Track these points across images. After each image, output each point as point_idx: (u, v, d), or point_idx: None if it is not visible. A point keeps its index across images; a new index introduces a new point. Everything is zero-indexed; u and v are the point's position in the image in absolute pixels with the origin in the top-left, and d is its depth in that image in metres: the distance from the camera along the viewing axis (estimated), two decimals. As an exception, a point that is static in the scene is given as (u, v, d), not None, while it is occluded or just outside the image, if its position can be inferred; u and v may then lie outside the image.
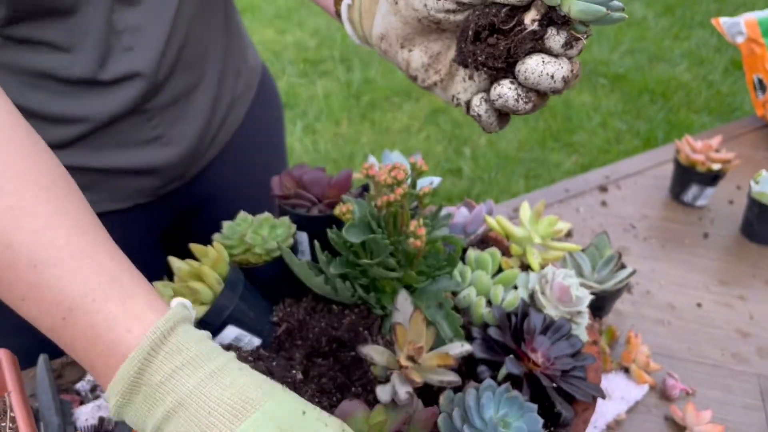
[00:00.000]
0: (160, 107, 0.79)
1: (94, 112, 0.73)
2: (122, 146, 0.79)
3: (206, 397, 0.41)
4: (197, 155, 0.87)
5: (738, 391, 0.88)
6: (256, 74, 0.98)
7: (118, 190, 0.83)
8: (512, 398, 0.62)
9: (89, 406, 0.77)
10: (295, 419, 0.42)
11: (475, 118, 0.51)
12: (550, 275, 0.74)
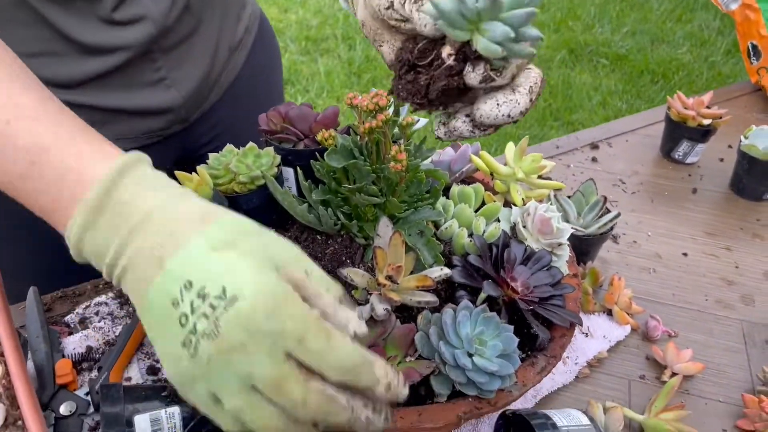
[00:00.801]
0: (164, 50, 0.81)
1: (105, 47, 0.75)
2: (128, 88, 0.81)
3: (173, 209, 0.44)
4: (200, 98, 0.89)
5: (720, 335, 0.88)
6: (255, 19, 0.99)
7: (125, 131, 0.85)
8: (489, 318, 0.63)
9: (77, 336, 0.79)
10: (254, 229, 0.46)
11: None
12: (532, 209, 0.75)
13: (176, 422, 0.65)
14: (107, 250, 0.45)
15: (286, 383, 0.41)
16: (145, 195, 0.45)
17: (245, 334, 0.41)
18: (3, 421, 0.50)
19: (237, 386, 0.42)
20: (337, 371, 0.43)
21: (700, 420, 0.78)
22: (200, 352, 0.41)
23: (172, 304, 0.42)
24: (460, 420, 0.60)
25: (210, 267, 0.42)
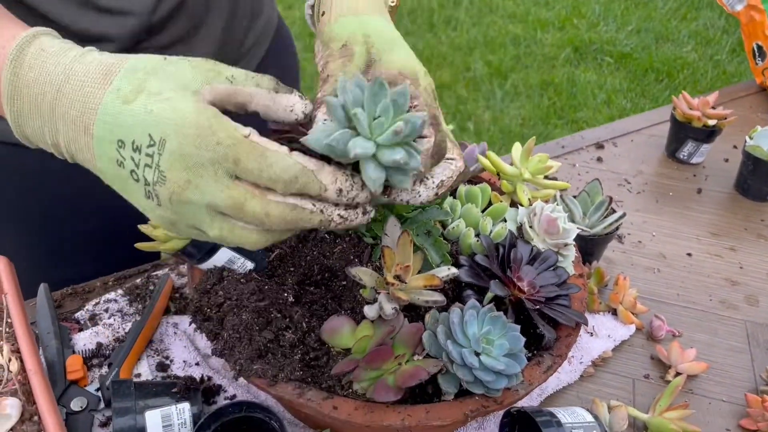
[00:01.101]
0: (157, 49, 0.80)
1: (90, 33, 0.75)
2: None
3: (77, 73, 0.45)
4: None
5: (724, 335, 0.89)
6: (269, 31, 0.98)
7: None
8: (495, 317, 0.64)
9: (87, 332, 0.80)
10: (158, 63, 0.46)
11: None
12: (538, 209, 0.75)
13: (186, 418, 0.66)
14: (44, 137, 0.47)
15: (244, 202, 0.44)
16: (47, 70, 0.45)
17: (185, 171, 0.43)
18: (19, 416, 0.51)
19: (207, 216, 0.45)
20: (280, 184, 0.44)
21: (704, 419, 0.78)
22: (162, 199, 0.44)
23: (118, 164, 0.44)
24: (467, 418, 0.61)
25: (130, 120, 0.43)
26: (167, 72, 0.45)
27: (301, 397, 0.60)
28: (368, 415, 0.60)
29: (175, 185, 0.43)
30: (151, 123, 0.43)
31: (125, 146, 0.43)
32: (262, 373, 0.62)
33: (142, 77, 0.45)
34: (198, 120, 0.43)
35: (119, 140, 0.43)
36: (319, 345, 0.66)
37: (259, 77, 0.48)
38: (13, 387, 0.53)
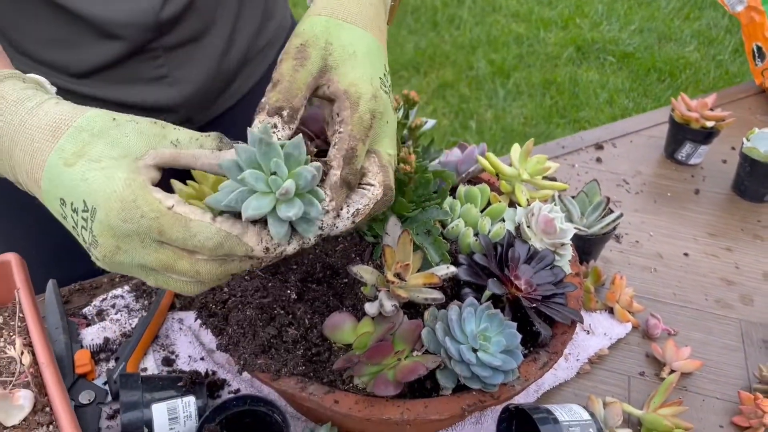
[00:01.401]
0: (166, 48, 0.82)
1: (107, 21, 0.76)
2: (130, 82, 0.83)
3: (29, 127, 0.47)
4: (204, 101, 0.90)
5: (719, 333, 0.91)
6: (282, 31, 1.00)
7: None
8: (493, 315, 0.65)
9: (95, 327, 0.81)
10: (106, 125, 0.47)
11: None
12: (536, 209, 0.77)
13: (191, 411, 0.68)
14: (8, 176, 0.50)
15: (173, 264, 0.47)
16: (5, 119, 0.48)
17: (114, 238, 0.45)
18: (32, 407, 0.53)
19: (142, 272, 0.48)
20: (206, 251, 0.46)
21: (697, 416, 0.80)
22: (98, 256, 0.47)
23: (62, 218, 0.47)
24: (464, 412, 0.63)
25: (69, 183, 0.45)
26: (111, 137, 0.47)
27: (304, 391, 0.62)
28: (368, 408, 0.61)
29: (106, 249, 0.46)
30: (85, 191, 0.45)
31: (66, 204, 0.46)
32: (266, 367, 0.64)
33: (86, 139, 0.46)
34: (124, 194, 0.45)
35: (60, 198, 0.46)
36: (320, 341, 0.67)
37: (204, 137, 0.50)
38: (26, 379, 0.55)
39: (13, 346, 0.58)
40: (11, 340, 0.59)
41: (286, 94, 0.52)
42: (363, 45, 0.56)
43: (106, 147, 0.46)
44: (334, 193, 0.50)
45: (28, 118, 0.47)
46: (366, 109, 0.54)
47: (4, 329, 0.60)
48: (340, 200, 0.51)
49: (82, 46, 0.78)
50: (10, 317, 0.61)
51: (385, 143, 0.56)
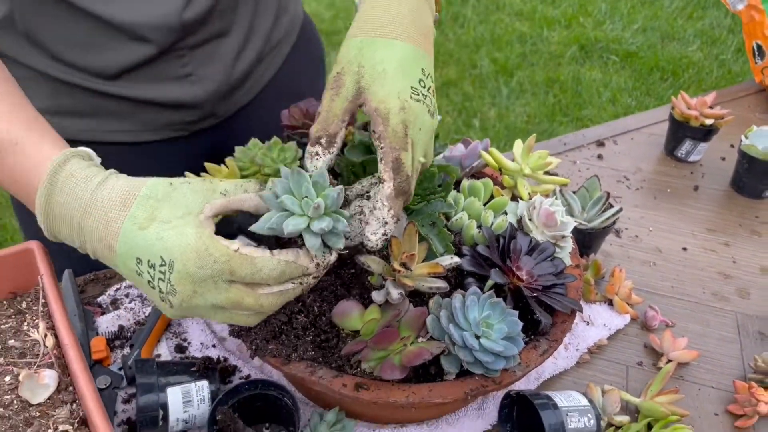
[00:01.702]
0: (190, 47, 0.85)
1: (133, 24, 0.79)
2: (156, 81, 0.86)
3: (100, 200, 0.54)
4: (226, 95, 0.93)
5: (716, 325, 0.93)
6: (295, 24, 1.03)
7: (149, 122, 0.90)
8: (495, 303, 0.68)
9: (110, 315, 0.84)
10: (166, 190, 0.55)
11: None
12: (537, 203, 0.79)
13: (205, 395, 0.70)
14: (74, 242, 0.56)
15: (241, 301, 0.55)
16: (76, 195, 0.55)
17: (191, 284, 0.53)
18: (56, 387, 0.56)
19: (212, 311, 0.56)
20: (272, 281, 0.55)
21: (693, 404, 0.82)
22: (174, 304, 0.54)
23: (137, 274, 0.54)
24: (467, 396, 0.65)
25: (144, 244, 0.53)
26: (173, 199, 0.55)
27: (313, 375, 0.65)
28: (375, 392, 0.64)
29: (184, 295, 0.53)
30: (162, 248, 0.52)
31: (143, 263, 0.53)
32: (277, 352, 0.66)
33: (153, 205, 0.54)
34: (197, 245, 0.52)
35: (137, 257, 0.53)
36: (329, 328, 0.70)
37: (246, 183, 0.59)
38: (50, 360, 0.58)
39: (37, 329, 0.60)
40: (35, 323, 0.62)
41: (323, 124, 0.59)
42: (395, 59, 0.60)
43: (171, 209, 0.54)
44: (391, 203, 0.57)
45: (97, 192, 0.54)
46: (397, 121, 0.58)
47: (27, 313, 0.63)
48: (398, 209, 0.58)
49: (110, 49, 0.81)
50: (33, 302, 0.64)
51: (417, 150, 0.60)
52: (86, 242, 0.55)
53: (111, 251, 0.54)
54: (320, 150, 0.59)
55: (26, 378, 0.55)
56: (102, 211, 0.54)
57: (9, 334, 0.61)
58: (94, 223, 0.54)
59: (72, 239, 0.56)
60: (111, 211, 0.54)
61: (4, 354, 0.59)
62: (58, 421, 0.53)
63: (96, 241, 0.54)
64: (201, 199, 0.55)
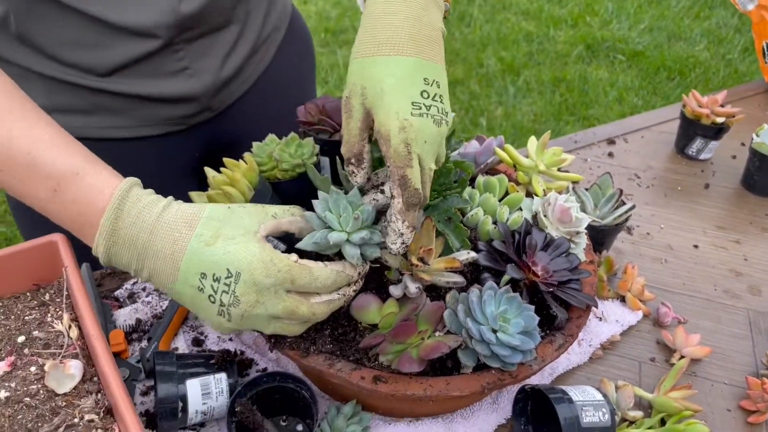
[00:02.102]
0: (187, 42, 0.86)
1: (129, 27, 0.80)
2: (152, 76, 0.86)
3: (166, 222, 0.59)
4: (222, 88, 0.94)
5: (727, 322, 0.94)
6: (285, 17, 1.04)
7: (147, 117, 0.90)
8: (512, 298, 0.68)
9: (127, 309, 0.85)
10: (226, 213, 0.61)
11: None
12: (552, 199, 0.80)
13: (223, 387, 0.71)
14: (131, 265, 0.59)
15: (295, 310, 0.60)
16: (143, 215, 0.59)
17: (255, 294, 0.58)
18: (81, 377, 0.56)
19: (266, 322, 0.61)
20: (326, 289, 0.62)
21: (706, 400, 0.83)
22: (233, 316, 0.59)
23: (198, 290, 0.58)
24: (484, 390, 0.66)
25: (211, 258, 0.58)
26: (234, 221, 0.60)
27: (332, 367, 0.66)
28: (393, 384, 0.65)
29: (247, 305, 0.58)
30: (229, 260, 0.57)
31: (207, 277, 0.58)
32: (296, 345, 0.67)
33: (217, 225, 0.59)
34: (262, 257, 0.58)
35: (202, 272, 0.58)
36: (347, 322, 0.71)
37: (292, 208, 0.65)
38: (74, 351, 0.59)
39: (61, 321, 0.61)
40: (58, 315, 0.62)
41: (348, 146, 0.63)
42: (393, 76, 0.60)
43: (233, 228, 0.59)
44: (403, 215, 0.61)
45: (163, 215, 0.59)
46: (398, 142, 0.59)
47: (50, 305, 0.64)
48: (411, 219, 0.62)
49: (105, 46, 0.81)
50: (56, 294, 0.65)
51: (425, 160, 0.61)
52: (146, 263, 0.58)
53: (175, 269, 0.58)
54: (354, 168, 0.64)
55: (52, 368, 0.55)
56: (168, 231, 0.58)
57: (33, 325, 0.62)
58: (160, 242, 0.58)
59: (130, 262, 0.59)
60: (177, 231, 0.58)
61: (29, 345, 0.60)
62: (83, 411, 0.54)
63: (160, 260, 0.58)
64: (256, 220, 0.61)
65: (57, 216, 0.61)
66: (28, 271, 0.65)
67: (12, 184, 0.60)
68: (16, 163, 0.59)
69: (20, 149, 0.59)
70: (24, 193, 0.60)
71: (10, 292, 0.66)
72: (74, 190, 0.59)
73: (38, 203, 0.60)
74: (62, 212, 0.60)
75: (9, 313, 0.63)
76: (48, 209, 0.60)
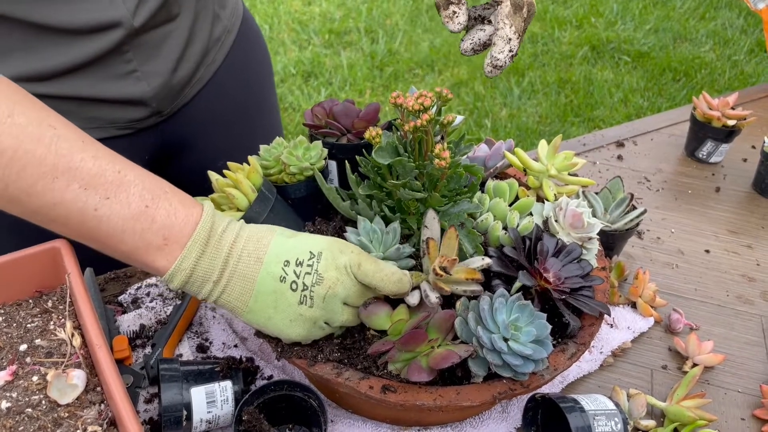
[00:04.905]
0: (135, 44, 0.83)
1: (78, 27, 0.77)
2: (100, 79, 0.83)
3: (249, 231, 0.63)
4: (171, 92, 0.91)
5: (740, 329, 0.92)
6: (236, 19, 1.02)
7: (94, 119, 0.86)
8: (523, 305, 0.67)
9: (131, 314, 0.84)
10: (292, 233, 0.65)
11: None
12: (564, 204, 0.78)
13: (228, 395, 0.70)
14: (213, 271, 0.60)
15: (363, 293, 0.65)
16: (231, 226, 0.62)
17: (335, 270, 0.62)
18: (84, 387, 0.55)
19: (341, 308, 0.64)
20: (388, 285, 0.64)
21: (719, 409, 0.81)
22: (316, 298, 0.62)
23: (280, 281, 0.61)
24: (495, 399, 0.64)
25: (294, 245, 0.62)
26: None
27: (339, 376, 0.64)
28: (402, 394, 0.63)
29: (330, 281, 0.62)
30: (312, 243, 0.63)
31: (290, 264, 0.61)
32: (302, 354, 0.66)
33: (292, 232, 0.65)
34: (338, 240, 0.64)
35: (285, 260, 0.61)
36: (355, 330, 0.69)
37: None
38: (77, 360, 0.57)
39: (64, 329, 0.60)
40: (61, 323, 0.61)
41: None
42: None
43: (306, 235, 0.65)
44: (511, 20, 0.61)
45: (246, 227, 0.63)
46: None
47: (53, 312, 0.63)
48: (518, 24, 0.61)
49: (47, 51, 0.78)
50: (59, 301, 0.64)
51: None
52: (226, 268, 0.61)
53: (257, 262, 0.61)
54: (455, 7, 0.62)
55: (54, 378, 0.54)
56: (253, 235, 0.62)
57: (35, 333, 0.61)
58: (243, 243, 0.61)
59: (211, 272, 0.60)
60: (260, 233, 0.63)
61: (31, 353, 0.59)
62: (86, 422, 0.53)
63: (244, 257, 0.61)
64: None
65: (138, 233, 0.58)
66: (30, 277, 0.64)
67: (93, 202, 0.57)
68: (105, 179, 0.57)
69: (110, 169, 0.58)
70: (104, 212, 0.57)
71: (12, 299, 0.64)
72: (166, 204, 0.59)
73: (117, 224, 0.58)
74: (145, 230, 0.58)
75: (11, 320, 0.62)
76: (126, 227, 0.58)
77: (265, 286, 0.61)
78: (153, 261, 0.59)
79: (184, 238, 0.59)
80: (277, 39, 3.44)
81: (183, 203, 0.60)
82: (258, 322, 0.63)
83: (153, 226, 0.58)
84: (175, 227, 0.59)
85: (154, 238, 0.58)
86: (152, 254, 0.58)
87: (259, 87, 1.10)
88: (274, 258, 0.61)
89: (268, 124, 1.12)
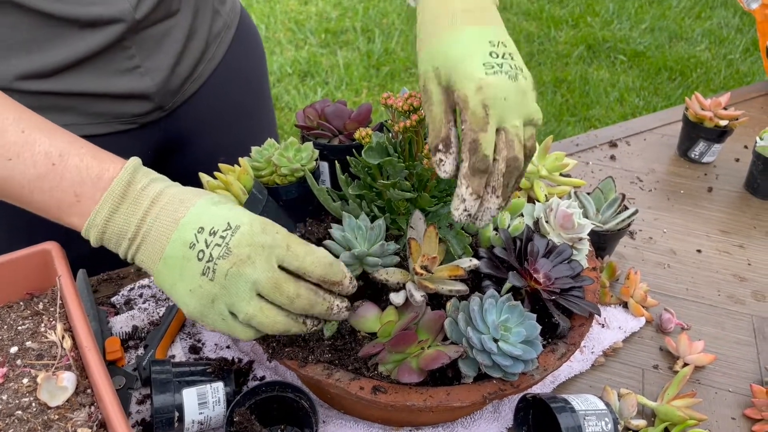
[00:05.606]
0: (137, 40, 0.83)
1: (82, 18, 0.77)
2: (103, 75, 0.83)
3: (175, 191, 0.60)
4: (173, 87, 0.92)
5: (731, 329, 0.92)
6: (234, 16, 1.03)
7: (98, 114, 0.87)
8: (513, 306, 0.67)
9: (123, 315, 0.84)
10: (223, 201, 0.61)
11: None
12: (554, 205, 0.79)
13: (220, 396, 0.70)
14: (128, 227, 0.58)
15: (281, 283, 0.58)
16: (153, 184, 0.60)
17: (249, 248, 0.57)
18: (74, 389, 0.55)
19: (248, 294, 0.58)
20: (319, 267, 0.60)
21: (710, 408, 0.82)
22: (218, 272, 0.57)
23: (189, 247, 0.57)
24: (485, 400, 0.65)
25: (215, 213, 0.58)
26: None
27: (330, 377, 0.64)
28: (393, 395, 0.64)
29: (237, 258, 0.57)
30: (232, 216, 0.58)
31: (203, 231, 0.58)
32: (294, 355, 0.66)
33: (223, 200, 0.61)
34: (264, 220, 0.60)
35: (200, 227, 0.58)
36: (345, 331, 0.70)
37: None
38: (67, 362, 0.57)
39: (54, 331, 0.60)
40: (52, 325, 0.61)
41: (434, 133, 0.61)
42: (457, 43, 0.62)
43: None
44: (468, 181, 0.60)
45: (171, 186, 0.61)
46: (476, 103, 0.59)
47: (44, 315, 0.63)
48: (476, 186, 0.60)
49: (51, 45, 0.78)
50: (50, 303, 0.64)
51: (508, 119, 0.60)
52: (142, 226, 0.58)
53: (174, 224, 0.58)
54: (441, 156, 0.61)
55: (45, 380, 0.54)
56: (177, 194, 0.59)
57: (26, 335, 0.61)
58: (166, 200, 0.59)
59: (127, 228, 0.58)
60: (186, 194, 0.60)
61: (22, 356, 0.59)
62: (76, 424, 0.53)
63: (163, 216, 0.58)
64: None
65: (47, 193, 0.59)
66: (21, 279, 0.64)
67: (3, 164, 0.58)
68: (7, 140, 0.58)
69: (12, 129, 0.58)
70: (7, 174, 0.58)
71: (3, 301, 0.65)
72: (77, 161, 0.58)
73: (22, 184, 0.58)
74: (54, 188, 0.58)
75: (2, 322, 0.62)
76: (33, 187, 0.58)
77: (174, 250, 0.58)
78: (68, 217, 0.59)
79: (97, 193, 0.58)
80: (274, 38, 3.44)
81: (97, 158, 0.59)
82: (165, 287, 0.60)
83: (62, 183, 0.58)
84: (87, 183, 0.58)
85: (65, 196, 0.58)
86: (65, 211, 0.59)
87: (257, 84, 1.11)
88: (190, 222, 0.58)
89: (266, 122, 1.13)
